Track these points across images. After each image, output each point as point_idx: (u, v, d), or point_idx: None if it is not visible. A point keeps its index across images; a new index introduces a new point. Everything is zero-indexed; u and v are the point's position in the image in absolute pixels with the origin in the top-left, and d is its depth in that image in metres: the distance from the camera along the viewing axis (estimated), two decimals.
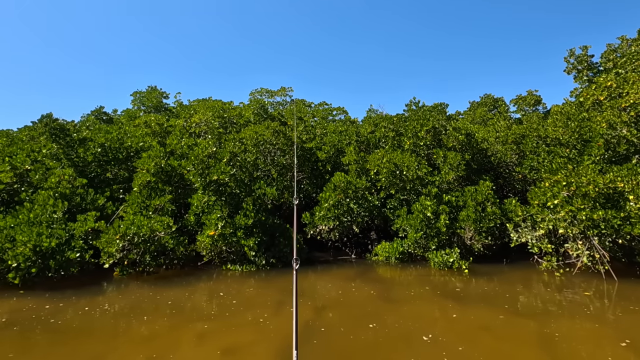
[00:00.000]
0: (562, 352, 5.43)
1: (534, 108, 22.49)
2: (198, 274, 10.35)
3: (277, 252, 11.32)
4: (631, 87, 12.98)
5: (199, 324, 6.51)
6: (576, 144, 12.65)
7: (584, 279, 9.45)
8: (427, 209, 11.24)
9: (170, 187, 12.88)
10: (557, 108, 15.78)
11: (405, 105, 19.39)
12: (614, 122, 12.02)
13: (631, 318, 6.87)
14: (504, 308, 7.35)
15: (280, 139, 15.33)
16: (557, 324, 6.56)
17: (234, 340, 5.85)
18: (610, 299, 8.14)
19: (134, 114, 23.09)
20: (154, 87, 26.89)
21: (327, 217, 12.23)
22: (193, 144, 14.48)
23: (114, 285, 9.21)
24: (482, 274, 10.13)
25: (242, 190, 12.61)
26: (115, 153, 14.64)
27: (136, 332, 6.21)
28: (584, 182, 9.68)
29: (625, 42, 18.75)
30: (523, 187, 14.07)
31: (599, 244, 9.30)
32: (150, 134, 16.62)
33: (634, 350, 5.39)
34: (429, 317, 6.93)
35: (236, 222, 11.06)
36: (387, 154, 13.17)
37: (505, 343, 5.75)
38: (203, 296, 8.47)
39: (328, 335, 6.06)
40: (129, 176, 14.10)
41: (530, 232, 10.60)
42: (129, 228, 9.99)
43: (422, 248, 11.41)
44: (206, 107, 21.53)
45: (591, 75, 19.62)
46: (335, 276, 10.33)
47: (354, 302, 7.85)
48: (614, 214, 9.08)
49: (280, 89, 28.07)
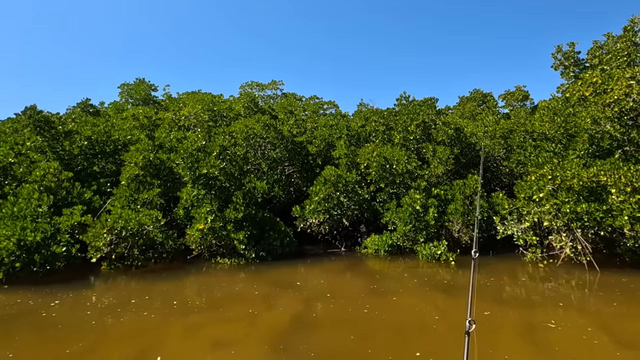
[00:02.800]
0: (545, 340, 5.59)
1: (522, 103, 22.81)
2: (187, 267, 10.31)
3: (267, 246, 11.33)
4: (615, 83, 13.24)
5: (188, 318, 6.51)
6: (562, 139, 12.90)
7: (566, 269, 9.71)
8: (417, 202, 11.36)
9: (159, 180, 12.74)
10: (544, 103, 16.02)
11: (396, 100, 19.48)
12: (598, 118, 12.28)
13: (611, 307, 7.09)
14: (490, 298, 7.50)
15: (271, 133, 15.26)
16: (542, 313, 6.75)
17: (224, 334, 5.87)
18: (591, 289, 8.39)
19: (121, 107, 22.69)
20: (142, 79, 26.41)
21: (318, 210, 12.26)
22: (182, 137, 14.31)
23: (101, 280, 9.12)
24: (470, 265, 10.29)
25: (232, 184, 12.54)
26: (103, 146, 14.39)
27: (125, 326, 6.17)
28: (568, 175, 9.89)
29: (611, 39, 19.07)
30: (510, 180, 14.31)
31: (582, 236, 9.55)
32: (139, 127, 16.37)
33: (613, 338, 5.58)
34: (418, 308, 7.05)
35: (226, 216, 11.01)
36: (378, 148, 13.24)
37: (493, 333, 5.89)
38: (192, 290, 8.45)
39: (318, 327, 6.11)
40: (117, 170, 13.89)
41: (516, 224, 10.81)
42: (117, 222, 9.87)
43: (410, 241, 11.56)
44: (195, 100, 21.27)
45: (577, 71, 19.94)
46: (326, 269, 10.41)
47: (344, 295, 7.93)
48: (597, 206, 9.32)
49: (271, 83, 27.86)
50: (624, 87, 12.80)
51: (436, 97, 18.48)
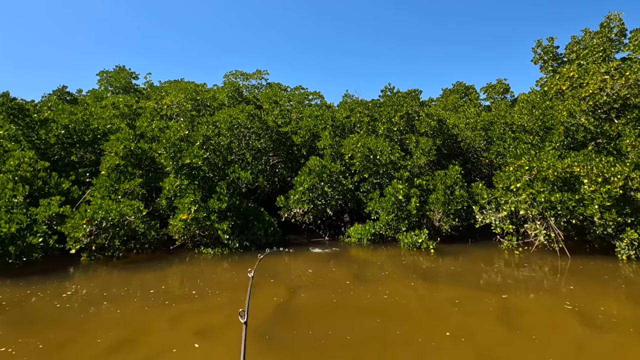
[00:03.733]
0: (518, 322, 5.87)
1: (503, 96, 23.29)
2: (170, 257, 10.25)
3: (251, 235, 11.36)
4: (591, 78, 13.69)
5: (171, 307, 6.49)
6: (539, 131, 13.30)
7: (540, 256, 10.14)
8: (399, 192, 11.57)
9: (140, 170, 12.52)
10: (523, 96, 16.43)
11: (381, 91, 19.60)
12: (574, 111, 12.70)
13: (580, 291, 7.47)
14: (468, 284, 7.78)
15: (255, 123, 15.15)
16: (515, 297, 7.06)
17: (207, 322, 5.88)
18: (562, 273, 8.80)
19: (100, 95, 21.99)
20: (122, 66, 25.63)
21: (302, 200, 12.34)
22: (164, 126, 14.04)
23: (81, 271, 8.97)
24: (449, 253, 10.63)
25: (215, 174, 12.45)
26: (81, 135, 13.99)
27: (106, 317, 6.12)
28: (544, 166, 10.25)
29: (588, 34, 19.59)
30: (489, 171, 14.71)
31: (555, 224, 9.96)
32: (119, 116, 15.97)
33: (581, 318, 5.91)
34: (400, 295, 7.24)
35: (210, 206, 10.96)
36: (362, 139, 13.35)
37: (469, 317, 6.12)
38: (175, 279, 8.43)
39: (302, 315, 6.22)
40: (96, 159, 13.56)
41: (494, 213, 11.17)
42: (97, 212, 9.69)
43: (393, 230, 11.79)
44: (178, 89, 20.84)
45: (556, 65, 20.46)
46: (310, 258, 10.53)
47: (327, 283, 8.07)
48: (570, 196, 9.71)
49: (255, 72, 27.51)
50: (598, 82, 13.25)
51: (420, 89, 18.68)
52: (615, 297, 7.06)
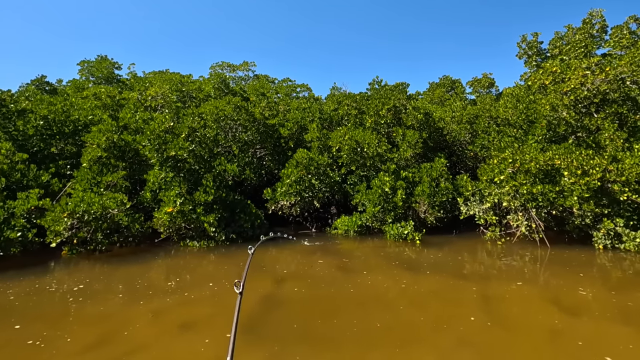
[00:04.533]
0: (498, 310, 6.03)
1: (488, 90, 23.59)
2: (155, 250, 10.12)
3: (238, 228, 11.30)
4: (573, 73, 13.97)
5: (155, 301, 6.42)
6: (523, 125, 13.55)
7: (521, 246, 10.41)
8: (386, 184, 11.65)
9: (124, 162, 12.26)
10: (508, 90, 16.69)
11: (368, 84, 19.57)
12: (556, 105, 12.97)
13: (559, 279, 7.71)
14: (451, 274, 7.94)
15: (242, 115, 14.98)
16: (497, 286, 7.24)
17: (192, 316, 5.82)
18: (542, 263, 9.05)
19: (81, 85, 21.35)
20: (104, 56, 24.91)
21: (289, 192, 12.31)
22: (149, 118, 13.75)
23: (62, 265, 8.78)
24: (434, 244, 10.81)
25: (201, 167, 12.30)
26: (61, 126, 13.59)
27: (87, 312, 6.01)
28: (527, 159, 10.47)
29: (571, 30, 19.97)
30: (474, 164, 14.94)
31: (536, 215, 10.22)
32: (101, 107, 15.54)
33: (558, 306, 6.10)
34: (385, 285, 7.34)
35: (196, 199, 10.84)
36: (349, 132, 13.37)
37: (451, 306, 6.26)
38: (160, 273, 8.33)
39: (288, 306, 6.24)
40: (78, 151, 13.22)
41: (478, 205, 11.38)
42: (78, 205, 9.47)
43: (379, 221, 11.90)
44: (163, 80, 20.38)
45: (540, 60, 20.82)
46: (296, 250, 10.55)
47: (314, 274, 8.11)
48: (551, 188, 9.96)
49: (242, 64, 27.11)
50: (580, 77, 13.54)
51: (407, 82, 18.74)
52: (591, 285, 7.31)
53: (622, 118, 13.56)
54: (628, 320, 5.52)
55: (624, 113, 13.49)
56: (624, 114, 13.53)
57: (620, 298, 6.42)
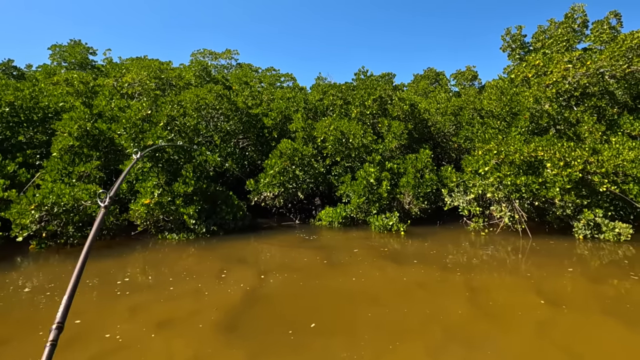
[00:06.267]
0: (485, 301, 5.99)
1: (471, 83, 23.75)
2: (131, 244, 9.69)
3: (219, 220, 10.96)
4: (555, 66, 14.14)
5: (131, 297, 6.08)
6: (506, 117, 13.65)
7: (504, 237, 10.50)
8: (371, 175, 11.52)
9: (97, 152, 11.66)
10: (493, 82, 16.78)
11: (354, 74, 19.30)
12: (540, 97, 13.10)
13: (540, 269, 7.77)
14: (438, 266, 7.89)
15: (224, 104, 14.50)
16: (481, 277, 7.22)
17: (171, 312, 5.52)
18: (524, 253, 9.15)
19: (52, 71, 20.20)
20: (77, 40, 23.63)
21: (272, 184, 12.02)
22: (125, 105, 13.11)
23: (30, 260, 8.27)
24: (418, 235, 10.79)
25: (181, 157, 11.83)
26: (29, 113, 12.78)
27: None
28: (511, 151, 10.52)
29: (554, 24, 20.21)
30: (457, 155, 15.01)
31: (519, 206, 10.31)
32: (73, 94, 14.73)
33: (543, 297, 6.13)
34: (371, 277, 7.21)
35: (175, 190, 10.41)
36: (335, 122, 13.13)
37: (439, 297, 6.19)
38: (136, 267, 7.95)
39: (271, 301, 6.01)
40: (48, 140, 12.48)
41: (462, 196, 11.41)
42: (47, 197, 8.92)
43: (364, 213, 11.79)
44: (141, 66, 19.49)
45: (523, 54, 21.03)
46: (279, 242, 10.32)
47: (298, 267, 7.90)
48: (534, 179, 10.05)
49: (225, 52, 26.32)
50: (562, 70, 13.70)
51: (394, 73, 18.58)
52: (575, 275, 7.41)
53: (600, 111, 13.86)
54: (610, 310, 5.60)
55: (602, 106, 13.78)
56: (602, 107, 13.83)
57: (603, 288, 6.52)
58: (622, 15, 17.35)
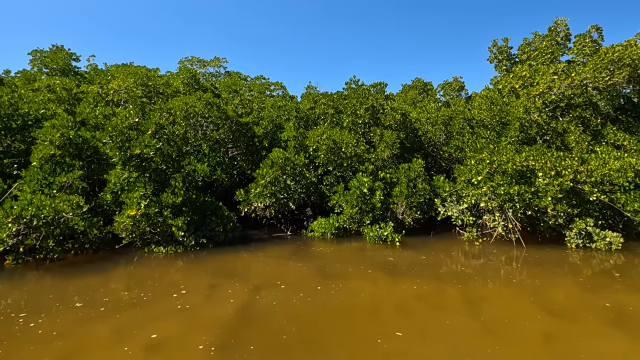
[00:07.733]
0: (485, 314, 5.86)
1: (458, 93, 24.12)
2: (115, 258, 9.23)
3: (209, 232, 10.59)
4: (541, 78, 14.44)
5: (116, 317, 5.70)
6: (496, 126, 13.79)
7: (498, 246, 10.48)
8: (364, 185, 11.39)
9: (80, 161, 11.18)
10: (483, 92, 17.00)
11: (345, 84, 19.30)
12: (529, 107, 13.30)
13: (534, 279, 7.72)
14: (435, 277, 7.75)
15: (214, 112, 14.21)
16: (479, 288, 7.11)
17: (160, 334, 5.16)
18: (518, 262, 9.11)
19: (32, 77, 19.54)
20: (60, 46, 22.98)
21: (263, 194, 11.75)
22: (110, 113, 12.66)
23: (6, 277, 7.74)
24: (412, 246, 10.66)
25: (169, 166, 11.44)
26: (7, 121, 12.21)
27: (36, 331, 5.21)
28: (504, 160, 10.57)
29: (538, 37, 20.74)
30: (448, 165, 15.06)
31: (513, 215, 10.32)
32: (55, 101, 14.20)
33: (543, 309, 6.03)
34: (367, 290, 7.00)
35: (162, 201, 10.03)
36: (327, 131, 13.01)
37: (436, 310, 6.03)
38: (121, 283, 7.53)
39: (265, 320, 5.73)
40: (27, 149, 11.92)
41: (455, 206, 11.38)
42: (25, 209, 8.42)
43: (357, 223, 11.61)
44: (127, 73, 19.03)
45: (509, 65, 21.48)
46: (271, 254, 10.03)
47: (291, 281, 7.63)
48: (526, 188, 10.09)
49: (214, 59, 26.03)
50: (548, 82, 14.00)
51: (386, 82, 18.64)
52: (567, 284, 7.38)
53: (585, 122, 14.17)
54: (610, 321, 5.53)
55: (587, 117, 14.10)
56: (586, 118, 14.14)
57: (600, 298, 6.48)
58: (603, 29, 17.94)
